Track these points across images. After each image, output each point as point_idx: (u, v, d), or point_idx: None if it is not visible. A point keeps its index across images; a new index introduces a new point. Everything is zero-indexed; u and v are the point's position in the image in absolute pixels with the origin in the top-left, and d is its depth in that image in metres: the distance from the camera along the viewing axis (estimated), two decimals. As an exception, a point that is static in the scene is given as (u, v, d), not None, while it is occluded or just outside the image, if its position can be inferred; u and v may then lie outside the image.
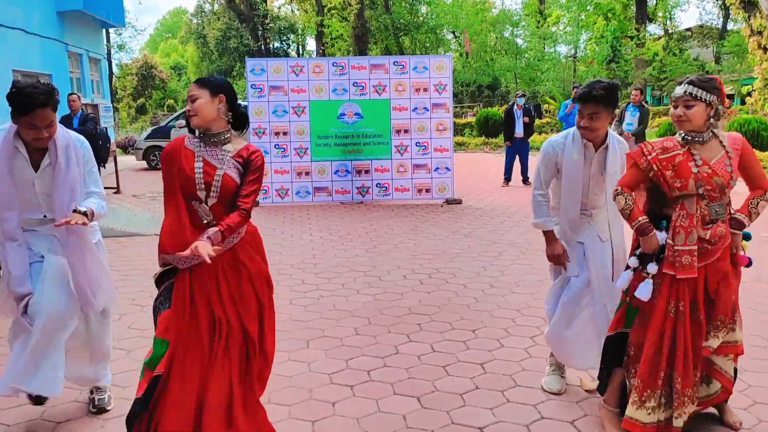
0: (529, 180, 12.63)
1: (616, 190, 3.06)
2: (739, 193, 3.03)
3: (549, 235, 3.44)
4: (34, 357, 2.98)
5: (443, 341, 4.29)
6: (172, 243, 2.67)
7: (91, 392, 3.43)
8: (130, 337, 4.43)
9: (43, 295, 3.02)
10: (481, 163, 17.14)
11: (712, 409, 3.20)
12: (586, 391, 3.50)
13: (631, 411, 2.96)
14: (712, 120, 2.96)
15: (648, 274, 2.98)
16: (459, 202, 10.30)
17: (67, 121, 9.58)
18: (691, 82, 2.94)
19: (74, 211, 2.95)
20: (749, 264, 3.14)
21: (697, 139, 2.96)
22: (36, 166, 3.06)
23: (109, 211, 9.27)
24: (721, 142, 3.00)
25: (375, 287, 5.60)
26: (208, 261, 2.51)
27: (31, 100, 2.88)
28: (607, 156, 3.36)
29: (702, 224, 2.95)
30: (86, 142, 3.25)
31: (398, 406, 3.37)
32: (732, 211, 3.08)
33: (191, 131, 2.81)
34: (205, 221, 2.73)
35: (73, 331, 3.16)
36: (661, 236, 2.98)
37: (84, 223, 2.90)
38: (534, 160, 4.27)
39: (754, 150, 13.87)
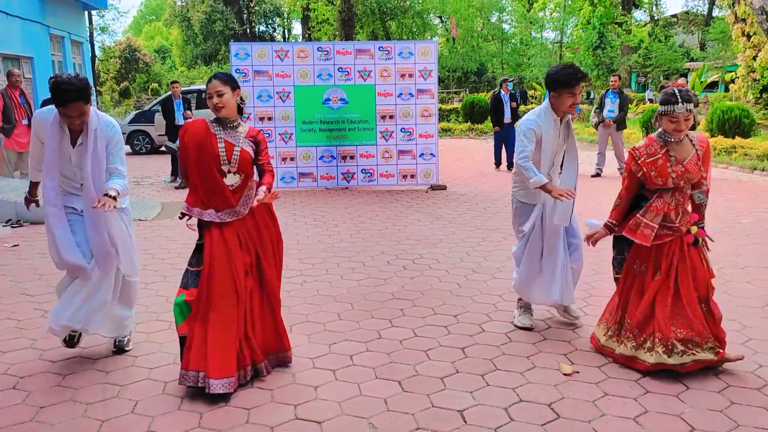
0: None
1: (618, 196, 3.74)
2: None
3: (548, 185, 3.90)
4: (87, 302, 3.66)
5: (425, 326, 4.34)
6: (216, 200, 3.45)
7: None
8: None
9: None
10: (466, 149, 17.19)
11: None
12: (564, 374, 3.57)
13: (640, 353, 3.56)
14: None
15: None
16: (443, 188, 10.33)
17: (48, 105, 9.47)
18: (689, 101, 3.44)
19: (105, 194, 3.45)
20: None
21: (671, 140, 3.56)
22: (74, 143, 3.63)
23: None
24: (691, 141, 3.60)
25: (358, 272, 5.63)
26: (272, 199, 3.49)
27: (65, 96, 3.41)
28: (570, 126, 4.14)
29: (675, 212, 3.60)
30: (116, 125, 3.77)
31: (380, 390, 3.41)
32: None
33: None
34: (231, 187, 3.46)
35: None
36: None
37: (114, 207, 3.43)
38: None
39: (737, 137, 14.04)
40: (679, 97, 3.45)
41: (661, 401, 3.26)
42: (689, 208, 3.70)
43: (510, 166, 12.52)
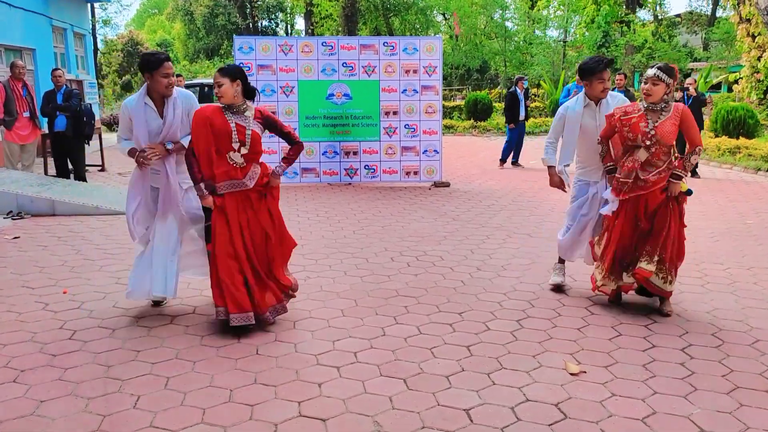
0: (519, 162, 12.65)
1: (598, 139, 4.52)
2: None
3: (551, 169, 4.86)
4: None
5: (430, 324, 4.30)
6: (216, 174, 3.99)
7: None
8: (114, 316, 4.40)
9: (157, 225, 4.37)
10: (469, 146, 17.13)
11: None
12: (571, 374, 3.53)
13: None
14: (666, 96, 4.20)
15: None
16: (447, 185, 10.29)
17: (51, 97, 9.42)
18: (659, 68, 4.18)
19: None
20: (689, 192, 4.36)
21: (652, 108, 4.24)
22: (161, 116, 4.22)
23: (94, 189, 9.17)
24: (667, 111, 4.22)
25: (362, 269, 5.59)
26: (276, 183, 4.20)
27: (160, 56, 4.13)
28: (601, 110, 4.62)
29: (642, 167, 4.26)
30: (192, 95, 4.37)
31: (384, 388, 3.37)
32: (675, 164, 4.28)
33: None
34: (236, 166, 4.01)
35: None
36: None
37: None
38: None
39: (741, 137, 14.00)
40: (651, 64, 4.29)
41: (669, 402, 3.22)
42: (662, 165, 4.27)
43: (515, 162, 12.52)
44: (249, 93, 4.09)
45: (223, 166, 4.00)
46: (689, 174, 4.36)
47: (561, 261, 5.08)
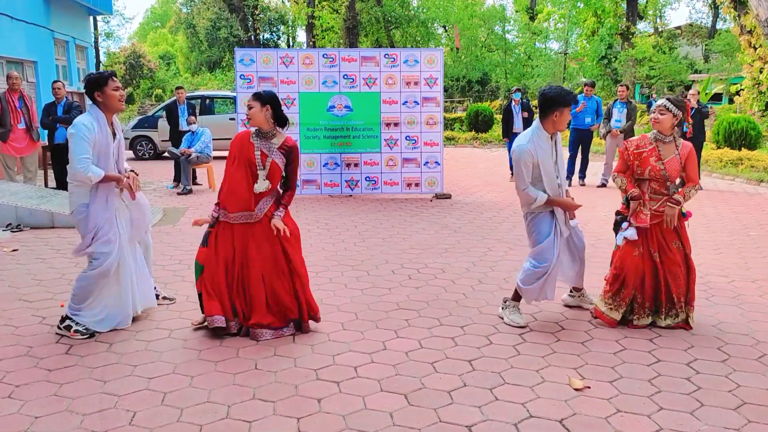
0: None
1: (613, 175, 4.50)
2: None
3: (551, 200, 4.33)
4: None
5: (431, 337, 4.24)
6: (232, 202, 4.10)
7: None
8: (111, 330, 4.34)
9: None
10: (470, 158, 17.11)
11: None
12: (575, 389, 3.46)
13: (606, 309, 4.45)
14: (676, 128, 4.31)
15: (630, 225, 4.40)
16: (448, 196, 10.25)
17: (51, 109, 9.41)
18: (668, 99, 4.31)
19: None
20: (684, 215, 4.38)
21: (661, 139, 4.31)
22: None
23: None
24: (677, 146, 4.32)
25: (363, 282, 5.54)
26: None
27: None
28: (558, 140, 4.44)
29: (650, 198, 4.32)
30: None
31: (385, 404, 3.31)
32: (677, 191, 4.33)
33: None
34: (258, 191, 4.09)
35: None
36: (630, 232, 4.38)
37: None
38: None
39: (743, 149, 13.96)
40: (661, 97, 4.52)
41: (675, 418, 3.16)
42: (666, 194, 4.31)
43: None
44: (281, 120, 4.21)
45: (234, 194, 4.15)
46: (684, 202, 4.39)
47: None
